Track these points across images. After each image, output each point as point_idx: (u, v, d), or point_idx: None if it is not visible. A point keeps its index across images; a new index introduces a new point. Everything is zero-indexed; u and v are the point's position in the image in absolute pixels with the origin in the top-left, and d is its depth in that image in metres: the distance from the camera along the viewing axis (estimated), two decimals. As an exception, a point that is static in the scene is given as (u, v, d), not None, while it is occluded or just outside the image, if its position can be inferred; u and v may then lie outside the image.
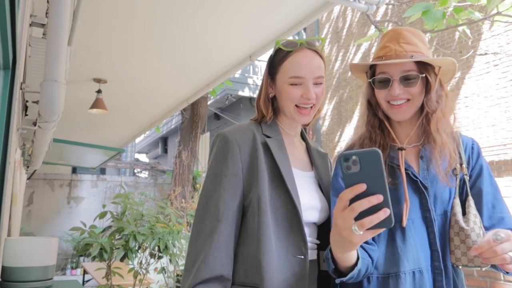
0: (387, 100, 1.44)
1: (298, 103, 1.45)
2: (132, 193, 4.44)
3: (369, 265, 1.34)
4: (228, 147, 1.41)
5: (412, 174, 1.42)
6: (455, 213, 1.36)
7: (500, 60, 7.21)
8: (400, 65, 1.41)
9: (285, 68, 1.46)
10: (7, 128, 1.89)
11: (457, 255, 1.34)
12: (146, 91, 5.02)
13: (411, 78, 1.40)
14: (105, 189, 10.97)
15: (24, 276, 2.39)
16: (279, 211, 1.37)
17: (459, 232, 1.33)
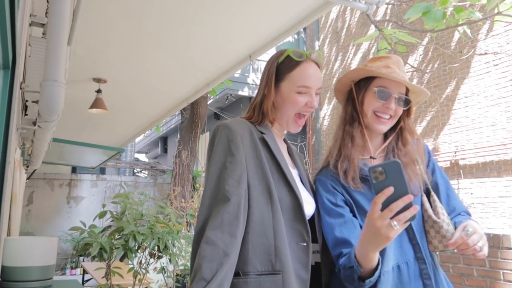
0: (376, 111, 1.63)
1: (301, 111, 1.56)
2: (131, 193, 4.44)
3: None
4: (232, 136, 1.43)
5: None
6: (426, 209, 1.58)
7: (500, 60, 7.21)
8: (400, 87, 1.64)
9: (294, 77, 1.53)
10: (6, 128, 1.88)
11: (434, 244, 1.55)
12: (146, 90, 5.02)
13: (402, 100, 1.64)
14: (104, 188, 10.97)
15: (23, 275, 2.39)
16: (283, 201, 1.43)
17: (433, 225, 1.55)
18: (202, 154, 13.30)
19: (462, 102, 7.79)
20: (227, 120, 1.50)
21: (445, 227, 1.53)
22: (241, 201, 1.34)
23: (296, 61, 1.54)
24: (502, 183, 6.79)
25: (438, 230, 1.54)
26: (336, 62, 11.22)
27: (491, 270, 4.02)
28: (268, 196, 1.40)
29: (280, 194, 1.44)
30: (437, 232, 1.55)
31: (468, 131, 7.59)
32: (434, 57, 8.42)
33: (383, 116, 1.63)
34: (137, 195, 10.04)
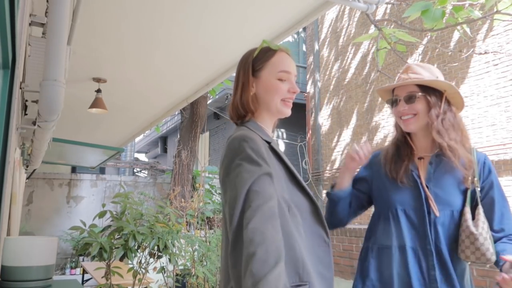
0: (399, 116, 1.85)
1: (285, 97, 1.57)
2: (131, 193, 4.44)
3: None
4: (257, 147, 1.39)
5: (415, 175, 1.81)
6: (466, 219, 1.69)
7: (499, 60, 7.21)
8: (405, 88, 1.84)
9: (275, 63, 1.57)
10: (6, 128, 1.89)
11: (467, 254, 1.66)
12: (145, 90, 5.02)
13: (411, 97, 1.81)
14: (104, 188, 10.97)
15: (23, 275, 2.39)
16: (301, 208, 1.44)
17: (469, 235, 1.66)
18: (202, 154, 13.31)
19: (462, 102, 7.78)
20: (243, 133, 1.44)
21: (481, 240, 1.64)
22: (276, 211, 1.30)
23: (273, 50, 1.59)
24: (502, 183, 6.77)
25: (473, 242, 1.65)
26: (336, 62, 11.22)
27: (491, 270, 4.02)
28: (287, 208, 1.39)
29: (298, 200, 1.44)
30: (471, 243, 1.65)
31: (468, 131, 7.59)
32: (434, 56, 8.42)
33: (404, 118, 1.84)
34: (137, 195, 10.03)
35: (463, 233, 1.68)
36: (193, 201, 6.41)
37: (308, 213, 1.46)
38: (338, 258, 7.08)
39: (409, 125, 1.83)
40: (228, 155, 1.40)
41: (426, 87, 1.81)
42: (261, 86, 1.57)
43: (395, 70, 9.16)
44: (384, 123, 9.35)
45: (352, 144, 1.64)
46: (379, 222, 1.87)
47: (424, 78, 1.82)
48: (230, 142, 1.43)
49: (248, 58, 1.61)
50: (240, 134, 1.42)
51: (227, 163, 1.39)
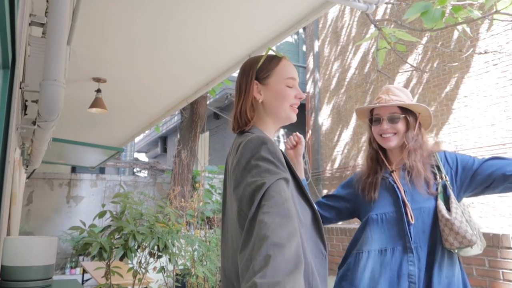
0: (380, 134, 2.05)
1: (292, 103, 1.57)
2: (131, 193, 4.44)
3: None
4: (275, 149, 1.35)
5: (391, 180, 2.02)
6: (440, 209, 1.85)
7: (499, 60, 7.21)
8: (387, 108, 2.04)
9: (281, 71, 1.58)
10: (6, 128, 1.89)
11: (450, 241, 1.81)
12: (145, 90, 5.02)
13: (395, 117, 2.02)
14: (104, 188, 10.96)
15: (23, 275, 2.39)
16: (305, 217, 1.40)
17: (446, 222, 1.81)
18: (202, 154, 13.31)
19: (462, 102, 7.79)
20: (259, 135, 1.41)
21: (457, 224, 1.79)
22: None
23: (278, 57, 1.60)
24: (501, 182, 6.78)
25: (451, 228, 1.80)
26: (336, 62, 11.22)
27: (491, 269, 4.02)
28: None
29: (302, 209, 1.40)
30: (450, 230, 1.80)
31: (468, 131, 7.60)
32: (434, 56, 8.42)
33: (385, 136, 2.03)
34: (137, 195, 10.04)
35: (440, 223, 1.84)
36: (193, 201, 6.40)
37: (309, 223, 1.41)
38: (338, 258, 7.08)
39: (389, 142, 2.03)
40: (246, 155, 1.35)
41: (406, 109, 2.03)
42: (270, 93, 1.56)
43: (395, 70, 9.16)
44: (384, 123, 9.35)
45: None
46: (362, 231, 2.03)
47: (404, 101, 2.04)
48: (248, 142, 1.38)
49: (252, 65, 1.60)
50: (257, 136, 1.38)
51: (245, 163, 1.34)
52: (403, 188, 1.97)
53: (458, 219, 1.80)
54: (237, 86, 1.61)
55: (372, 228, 1.96)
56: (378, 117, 2.06)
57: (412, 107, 2.04)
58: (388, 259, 1.88)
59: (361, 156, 9.93)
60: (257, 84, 1.57)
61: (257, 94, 1.56)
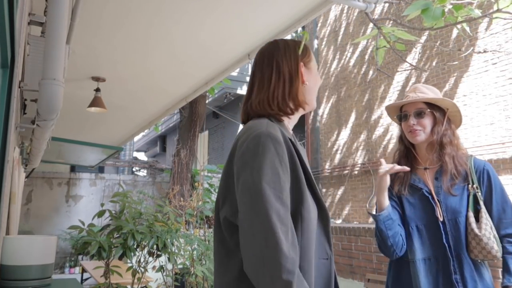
0: (408, 130, 2.10)
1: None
2: (130, 192, 4.44)
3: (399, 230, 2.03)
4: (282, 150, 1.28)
5: (425, 191, 2.03)
6: (470, 223, 1.92)
7: (498, 59, 7.21)
8: (414, 104, 2.11)
9: (313, 56, 1.56)
10: (5, 127, 1.88)
11: (475, 253, 1.89)
12: (144, 89, 5.02)
13: (421, 112, 2.08)
14: (103, 187, 10.96)
15: (23, 274, 2.39)
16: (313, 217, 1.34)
17: (474, 237, 1.88)
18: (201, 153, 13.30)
19: (461, 101, 7.79)
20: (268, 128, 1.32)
21: (485, 240, 1.86)
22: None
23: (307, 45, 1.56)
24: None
25: (478, 242, 1.88)
26: (335, 60, 11.22)
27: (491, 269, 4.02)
28: (299, 215, 1.29)
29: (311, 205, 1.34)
30: (477, 244, 1.88)
31: (467, 130, 7.60)
32: (433, 55, 8.42)
33: (412, 131, 2.08)
34: (136, 194, 10.02)
35: (469, 236, 1.91)
36: (192, 200, 6.40)
37: (318, 222, 1.36)
38: (337, 257, 7.09)
39: (416, 137, 2.07)
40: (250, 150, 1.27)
41: (432, 105, 2.09)
42: (312, 78, 1.51)
43: (394, 69, 9.16)
44: (383, 122, 9.36)
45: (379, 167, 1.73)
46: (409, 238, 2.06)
47: (430, 97, 2.09)
48: (255, 137, 1.29)
49: (291, 47, 1.51)
50: (270, 133, 1.29)
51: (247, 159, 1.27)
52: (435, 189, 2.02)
53: (486, 236, 1.87)
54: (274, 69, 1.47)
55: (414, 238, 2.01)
56: (406, 113, 2.13)
57: (438, 102, 2.09)
58: (432, 268, 1.95)
59: (360, 155, 9.94)
60: (303, 67, 1.49)
61: (304, 78, 1.48)
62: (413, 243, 2.01)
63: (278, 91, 1.44)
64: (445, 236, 1.94)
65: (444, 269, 1.92)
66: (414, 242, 2.01)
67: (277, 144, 1.28)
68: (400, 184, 2.11)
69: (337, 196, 10.45)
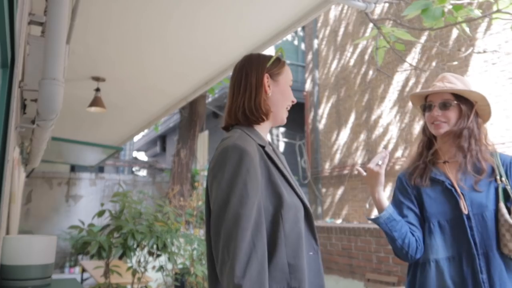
0: (431, 121, 1.97)
1: (289, 104, 1.62)
2: (130, 192, 4.44)
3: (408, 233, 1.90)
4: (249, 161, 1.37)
5: (448, 184, 1.90)
6: (503, 213, 1.78)
7: (498, 59, 7.22)
8: (440, 95, 1.97)
9: (288, 71, 1.63)
10: (5, 127, 1.89)
11: (510, 247, 1.74)
12: (144, 89, 5.02)
13: (446, 104, 1.94)
14: (103, 187, 10.97)
15: (22, 274, 2.39)
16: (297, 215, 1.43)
17: (509, 228, 1.74)
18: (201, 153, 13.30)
19: (461, 101, 7.79)
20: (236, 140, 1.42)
21: None
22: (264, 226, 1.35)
23: (283, 60, 1.64)
24: (500, 181, 6.78)
25: None
26: (334, 60, 11.22)
27: None
28: (279, 216, 1.38)
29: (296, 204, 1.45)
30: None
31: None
32: (433, 55, 8.42)
33: (436, 123, 1.95)
34: (136, 194, 10.04)
35: (502, 228, 1.77)
36: (192, 200, 6.40)
37: (302, 221, 1.45)
38: (337, 257, 7.09)
39: (439, 129, 1.95)
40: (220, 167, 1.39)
41: (460, 96, 1.95)
42: (278, 90, 1.58)
43: (394, 69, 9.16)
44: (383, 122, 9.36)
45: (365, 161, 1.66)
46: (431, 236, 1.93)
47: (458, 88, 1.95)
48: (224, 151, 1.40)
49: (260, 60, 1.60)
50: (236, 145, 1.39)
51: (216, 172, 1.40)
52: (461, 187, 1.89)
53: None
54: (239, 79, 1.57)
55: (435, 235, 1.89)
56: (430, 104, 1.99)
57: (466, 94, 1.95)
58: (456, 267, 1.81)
59: (360, 155, 9.94)
60: (268, 78, 1.57)
61: (267, 88, 1.56)
62: (436, 241, 1.88)
63: (244, 101, 1.54)
64: (471, 231, 1.80)
65: (470, 268, 1.78)
66: (437, 240, 1.87)
67: (244, 155, 1.36)
68: (420, 176, 1.98)
69: (337, 196, 10.46)
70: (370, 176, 1.93)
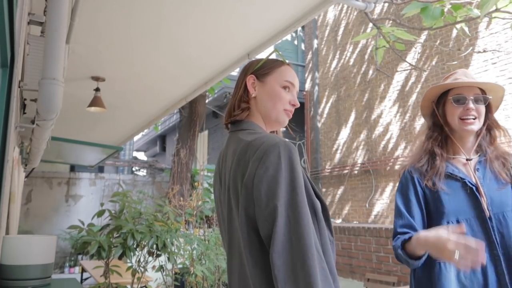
0: (460, 117, 1.86)
1: (286, 107, 1.56)
2: (130, 191, 4.44)
3: None
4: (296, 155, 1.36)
5: (469, 182, 1.82)
6: None
7: (498, 58, 7.22)
8: (472, 89, 1.88)
9: (281, 72, 1.58)
10: (5, 126, 1.89)
11: None
12: (144, 89, 5.02)
13: (479, 99, 1.87)
14: (103, 187, 10.97)
15: (22, 274, 2.39)
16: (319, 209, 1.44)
17: None
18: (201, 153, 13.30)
19: (460, 100, 7.79)
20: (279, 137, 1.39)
21: None
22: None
23: (281, 61, 1.61)
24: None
25: None
26: (334, 60, 11.22)
27: None
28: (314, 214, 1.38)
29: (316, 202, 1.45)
30: None
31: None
32: (432, 55, 8.43)
33: (468, 118, 1.85)
34: (136, 194, 10.03)
35: None
36: (192, 199, 6.40)
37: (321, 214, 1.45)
38: (337, 257, 7.05)
39: (471, 125, 1.86)
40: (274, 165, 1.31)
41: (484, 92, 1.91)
42: (265, 90, 1.56)
43: (394, 68, 9.16)
44: (383, 121, 9.36)
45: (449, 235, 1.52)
46: None
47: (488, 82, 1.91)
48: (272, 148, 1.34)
49: (253, 63, 1.62)
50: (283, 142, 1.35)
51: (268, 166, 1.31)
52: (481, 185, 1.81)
53: None
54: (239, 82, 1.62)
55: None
56: (462, 96, 1.87)
57: (494, 89, 1.92)
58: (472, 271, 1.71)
59: (360, 154, 9.94)
60: (254, 79, 1.57)
61: (251, 88, 1.56)
62: None
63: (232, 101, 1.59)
64: (492, 231, 1.73)
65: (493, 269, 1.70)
66: None
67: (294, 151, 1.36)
68: (435, 175, 1.86)
69: (337, 196, 10.46)
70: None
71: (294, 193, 1.29)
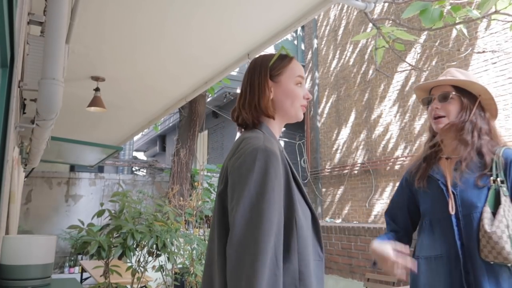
0: (432, 116, 1.91)
1: (302, 103, 1.59)
2: (130, 191, 4.44)
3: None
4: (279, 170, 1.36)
5: (441, 183, 1.85)
6: (483, 218, 1.70)
7: (498, 58, 7.22)
8: (441, 88, 1.91)
9: (292, 69, 1.60)
10: (5, 126, 1.89)
11: (485, 253, 1.67)
12: (144, 89, 5.02)
13: (446, 96, 1.87)
14: (103, 187, 10.96)
15: (22, 274, 2.39)
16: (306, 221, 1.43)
17: (484, 234, 1.67)
18: (200, 153, 13.31)
19: (460, 100, 7.79)
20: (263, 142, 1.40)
21: (494, 238, 1.64)
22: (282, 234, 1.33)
23: (289, 57, 1.62)
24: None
25: (488, 240, 1.66)
26: (334, 59, 11.22)
27: None
28: (294, 222, 1.37)
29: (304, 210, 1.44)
30: (487, 242, 1.67)
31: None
32: (432, 55, 8.43)
33: (435, 117, 1.89)
34: (135, 194, 10.04)
35: (479, 232, 1.70)
36: (191, 199, 6.40)
37: (310, 227, 1.44)
38: (336, 257, 7.09)
39: (439, 124, 1.88)
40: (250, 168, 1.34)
41: (462, 89, 1.88)
42: (280, 91, 1.56)
43: (393, 68, 9.16)
44: (382, 121, 9.36)
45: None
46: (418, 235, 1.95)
47: (459, 79, 1.88)
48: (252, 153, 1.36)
49: (264, 62, 1.61)
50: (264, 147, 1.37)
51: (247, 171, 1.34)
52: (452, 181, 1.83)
53: (497, 234, 1.65)
54: (249, 82, 1.59)
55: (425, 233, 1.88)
56: (431, 97, 1.93)
57: (467, 85, 1.88)
58: (440, 267, 1.78)
59: (359, 154, 9.94)
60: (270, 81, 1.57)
61: (268, 92, 1.56)
62: (425, 239, 1.87)
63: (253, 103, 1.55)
64: (458, 232, 1.75)
65: (458, 269, 1.73)
66: (426, 238, 1.86)
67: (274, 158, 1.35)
68: (421, 174, 1.93)
69: (337, 196, 10.46)
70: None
71: (261, 197, 1.29)
